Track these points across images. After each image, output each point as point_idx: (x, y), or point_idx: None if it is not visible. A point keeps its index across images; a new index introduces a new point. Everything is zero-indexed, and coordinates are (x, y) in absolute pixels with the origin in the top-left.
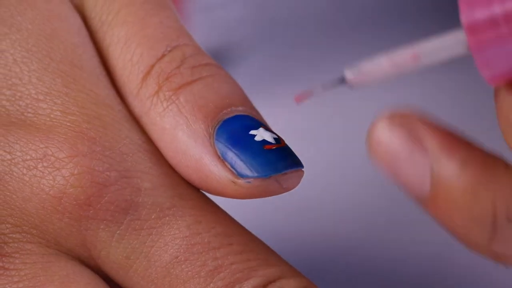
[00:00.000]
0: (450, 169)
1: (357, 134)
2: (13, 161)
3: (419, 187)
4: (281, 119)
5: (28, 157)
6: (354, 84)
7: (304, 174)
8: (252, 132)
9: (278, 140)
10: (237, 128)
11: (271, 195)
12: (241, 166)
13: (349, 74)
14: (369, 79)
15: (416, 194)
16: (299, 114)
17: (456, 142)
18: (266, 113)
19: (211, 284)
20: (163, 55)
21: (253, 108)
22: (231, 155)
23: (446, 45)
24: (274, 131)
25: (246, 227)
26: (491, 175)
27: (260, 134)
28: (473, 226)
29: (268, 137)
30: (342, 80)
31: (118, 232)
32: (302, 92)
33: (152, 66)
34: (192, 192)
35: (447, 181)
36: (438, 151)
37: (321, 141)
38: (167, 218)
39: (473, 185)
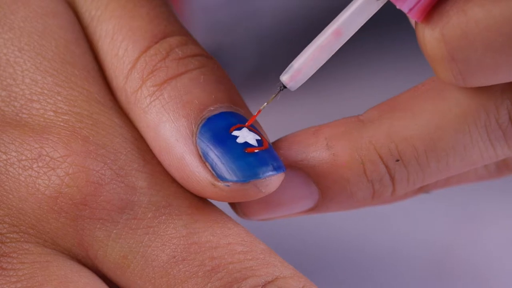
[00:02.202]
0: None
1: None
2: (8, 161)
3: None
4: (281, 118)
5: (23, 157)
6: (294, 82)
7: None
8: (235, 133)
9: (261, 142)
10: (220, 128)
11: (250, 199)
12: (221, 169)
13: (285, 78)
14: (305, 71)
15: None
16: (299, 113)
17: None
18: (265, 112)
19: (209, 284)
20: (148, 48)
21: (239, 102)
22: (213, 157)
23: (361, 8)
24: (260, 131)
25: (243, 226)
26: (358, 137)
27: (242, 136)
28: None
29: (251, 139)
30: (283, 87)
31: (114, 231)
32: (252, 118)
33: (137, 60)
34: (187, 190)
35: None
36: None
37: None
38: (164, 217)
39: (353, 154)
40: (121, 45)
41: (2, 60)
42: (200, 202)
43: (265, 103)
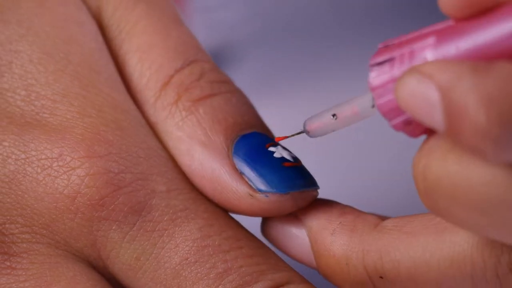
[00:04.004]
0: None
1: (360, 133)
2: (27, 160)
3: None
4: (281, 118)
5: (43, 156)
6: (314, 133)
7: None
8: (271, 148)
9: (296, 159)
10: (255, 144)
11: (284, 213)
12: (260, 181)
13: (308, 126)
14: (322, 129)
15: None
16: (299, 113)
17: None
18: (266, 113)
19: (220, 286)
20: (182, 68)
21: (267, 129)
22: (250, 170)
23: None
24: (288, 149)
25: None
26: (358, 240)
27: (279, 151)
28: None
29: (287, 155)
30: (304, 131)
31: (130, 233)
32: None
33: (171, 77)
34: (205, 197)
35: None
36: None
37: (325, 140)
38: (179, 220)
39: (344, 253)
40: (155, 60)
41: (25, 60)
42: (216, 208)
43: (287, 136)
